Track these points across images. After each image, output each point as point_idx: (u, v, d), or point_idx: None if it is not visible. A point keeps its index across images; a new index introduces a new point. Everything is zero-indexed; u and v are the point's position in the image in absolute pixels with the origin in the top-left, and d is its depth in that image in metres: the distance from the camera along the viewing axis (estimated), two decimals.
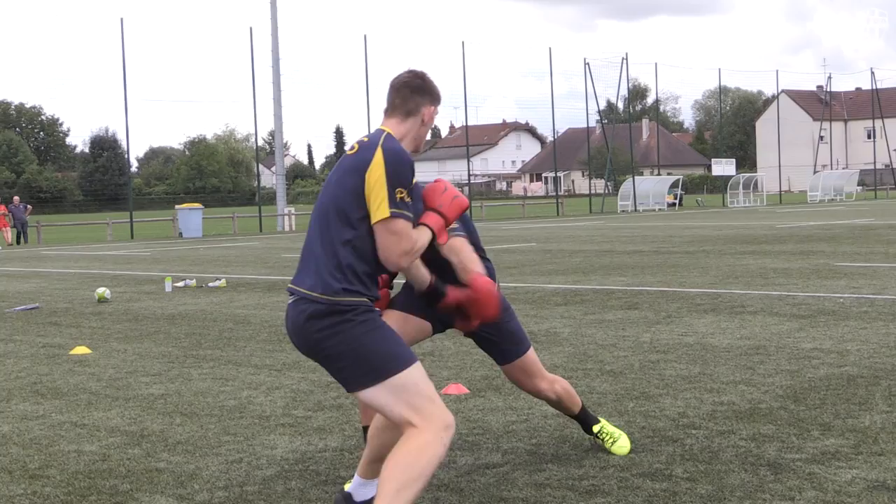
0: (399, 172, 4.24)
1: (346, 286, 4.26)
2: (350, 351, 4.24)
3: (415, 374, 4.26)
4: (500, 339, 5.59)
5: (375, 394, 4.26)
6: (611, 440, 5.86)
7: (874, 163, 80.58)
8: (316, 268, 4.34)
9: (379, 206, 4.23)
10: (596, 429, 5.91)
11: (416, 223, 4.39)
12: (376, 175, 4.23)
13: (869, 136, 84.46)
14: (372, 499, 4.67)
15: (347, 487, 4.97)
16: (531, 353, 5.65)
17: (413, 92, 4.47)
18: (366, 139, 4.39)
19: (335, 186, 4.36)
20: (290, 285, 4.48)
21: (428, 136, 4.92)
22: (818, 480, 5.19)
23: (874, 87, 78.72)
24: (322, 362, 4.36)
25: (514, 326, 5.61)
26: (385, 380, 4.23)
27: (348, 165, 4.34)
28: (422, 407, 4.21)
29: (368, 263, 4.31)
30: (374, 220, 4.25)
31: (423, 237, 4.40)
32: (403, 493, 4.11)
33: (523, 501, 5.06)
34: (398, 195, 4.22)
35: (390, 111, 4.50)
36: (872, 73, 78.35)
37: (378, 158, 4.25)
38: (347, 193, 4.29)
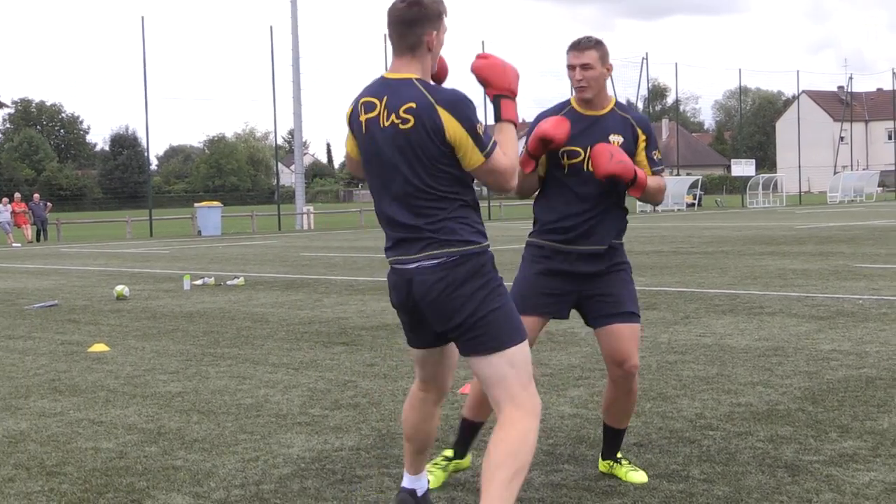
0: (468, 115, 4.18)
1: None
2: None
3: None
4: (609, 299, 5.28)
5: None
6: (628, 468, 5.43)
7: (895, 164, 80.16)
8: None
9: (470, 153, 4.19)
10: (619, 455, 5.53)
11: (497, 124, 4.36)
12: (458, 135, 4.17)
13: (890, 137, 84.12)
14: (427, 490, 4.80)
15: (404, 484, 4.85)
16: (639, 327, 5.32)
17: (410, 25, 4.24)
18: (413, 104, 4.17)
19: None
20: None
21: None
22: (836, 482, 5.17)
23: (895, 88, 78.34)
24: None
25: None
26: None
27: (415, 140, 4.18)
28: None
29: None
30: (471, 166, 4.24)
31: (513, 141, 4.33)
32: (515, 481, 4.13)
33: (539, 502, 5.05)
34: (479, 130, 4.19)
35: (396, 51, 4.32)
36: (894, 73, 78.03)
37: (447, 118, 4.16)
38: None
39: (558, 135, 5.09)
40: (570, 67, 5.23)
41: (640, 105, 72.85)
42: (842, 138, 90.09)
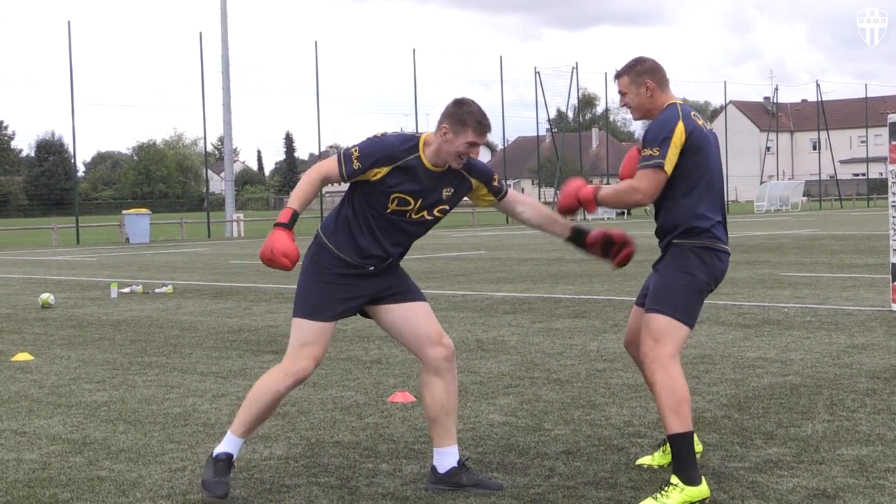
0: (371, 140, 5.30)
1: None
2: None
3: None
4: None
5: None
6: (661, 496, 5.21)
7: (819, 174, 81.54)
8: None
9: None
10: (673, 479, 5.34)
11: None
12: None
13: (814, 148, 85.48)
14: (458, 462, 5.42)
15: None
16: (664, 320, 5.32)
17: (444, 112, 5.31)
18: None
19: None
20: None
21: (460, 162, 5.34)
22: (760, 489, 5.24)
23: (820, 100, 79.71)
24: None
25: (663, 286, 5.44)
26: None
27: None
28: None
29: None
30: None
31: (294, 194, 5.23)
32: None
33: None
34: (352, 148, 5.26)
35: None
36: (818, 85, 79.37)
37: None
38: None
39: (565, 205, 5.74)
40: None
41: (571, 114, 73.33)
42: (768, 148, 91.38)
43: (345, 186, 5.43)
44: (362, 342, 10.61)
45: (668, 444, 5.49)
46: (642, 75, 5.51)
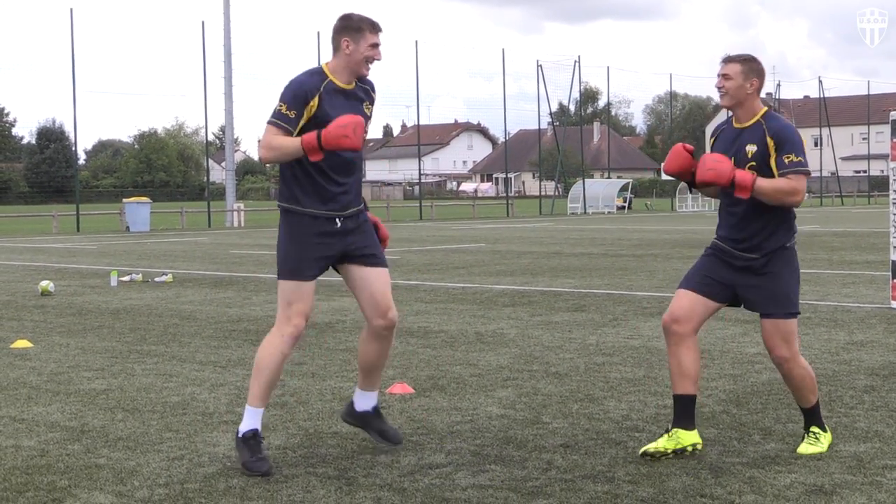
0: (285, 89, 5.59)
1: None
2: None
3: None
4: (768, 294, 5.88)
5: None
6: (814, 440, 5.92)
7: (820, 170, 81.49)
8: None
9: None
10: (813, 429, 5.95)
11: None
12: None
13: (816, 144, 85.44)
14: (373, 408, 6.07)
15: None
16: (793, 322, 5.88)
17: (334, 32, 5.67)
18: None
19: None
20: None
21: (370, 63, 5.70)
22: (758, 484, 5.24)
23: (822, 96, 79.67)
24: None
25: (786, 289, 5.88)
26: None
27: None
28: None
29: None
30: None
31: (284, 144, 5.53)
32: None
33: (466, 502, 5.06)
34: (277, 106, 5.54)
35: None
36: (820, 81, 79.34)
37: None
38: None
39: (670, 168, 5.94)
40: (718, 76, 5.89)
41: (572, 108, 73.32)
42: None
43: None
44: (360, 333, 10.60)
45: (673, 431, 5.78)
46: (754, 72, 5.82)
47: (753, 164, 5.73)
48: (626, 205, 64.03)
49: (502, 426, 6.56)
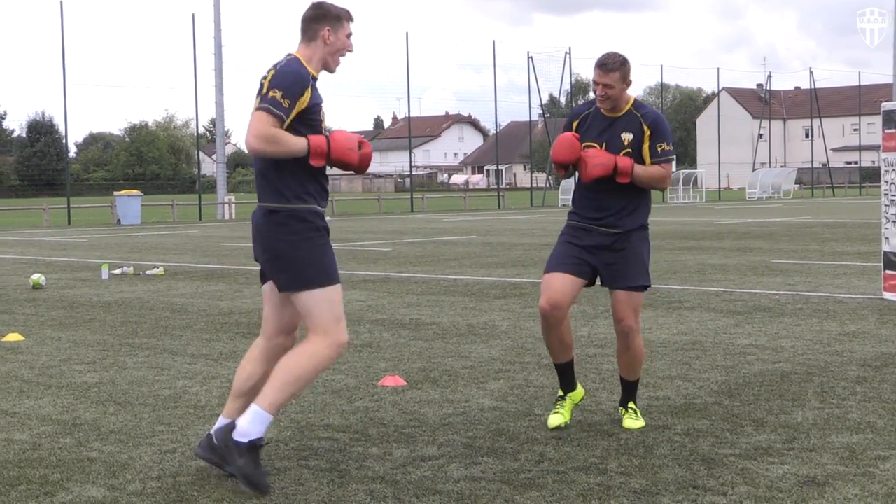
0: (279, 76, 5.15)
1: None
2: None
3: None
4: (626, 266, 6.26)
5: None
6: (635, 415, 6.35)
7: (812, 161, 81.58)
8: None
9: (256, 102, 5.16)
10: (632, 405, 6.40)
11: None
12: (265, 81, 5.19)
13: (807, 135, 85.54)
14: (225, 426, 5.31)
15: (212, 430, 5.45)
16: (642, 295, 6.39)
17: (311, 21, 5.33)
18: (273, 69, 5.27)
19: None
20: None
21: (342, 56, 5.45)
22: (750, 475, 5.24)
23: (813, 87, 79.71)
24: None
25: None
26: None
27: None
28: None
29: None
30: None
31: (289, 141, 5.12)
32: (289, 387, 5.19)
33: (458, 494, 5.05)
34: (271, 94, 5.10)
35: (300, 39, 5.36)
36: (811, 73, 79.31)
37: (270, 71, 5.23)
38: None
39: (565, 158, 6.12)
40: (595, 83, 6.14)
41: (563, 99, 73.29)
42: (760, 135, 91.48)
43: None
44: (353, 325, 10.60)
45: (567, 397, 6.39)
46: (628, 74, 6.18)
47: (629, 150, 6.15)
48: None
49: (494, 418, 6.56)
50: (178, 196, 69.76)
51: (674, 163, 6.07)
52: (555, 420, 6.28)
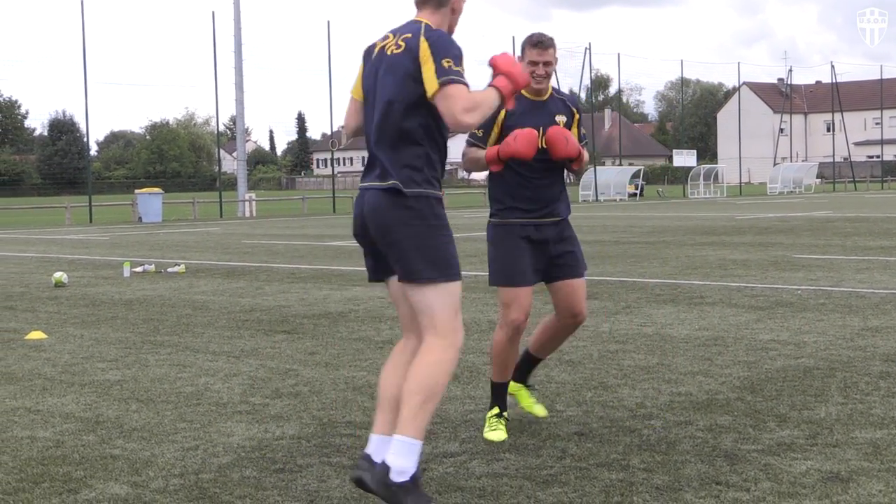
0: (443, 44, 4.58)
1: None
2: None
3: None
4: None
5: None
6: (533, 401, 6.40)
7: (833, 156, 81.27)
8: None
9: (429, 80, 4.54)
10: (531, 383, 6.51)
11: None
12: (424, 55, 4.57)
13: (828, 130, 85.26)
14: (380, 471, 4.58)
15: (368, 450, 4.76)
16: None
17: None
18: (408, 34, 4.68)
19: (385, 82, 4.70)
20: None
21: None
22: (773, 471, 5.22)
23: (834, 81, 79.38)
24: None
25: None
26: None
27: (394, 61, 4.67)
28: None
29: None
30: (429, 94, 4.54)
31: (487, 96, 4.61)
32: (427, 406, 4.58)
33: (480, 491, 5.05)
34: (445, 64, 4.52)
35: (422, 3, 4.82)
36: (833, 67, 79.08)
37: (423, 43, 4.60)
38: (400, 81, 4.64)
39: (533, 152, 5.73)
40: (533, 63, 5.82)
41: (583, 95, 73.17)
42: (781, 130, 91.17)
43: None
44: (374, 322, 10.62)
45: (503, 414, 6.15)
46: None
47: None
48: (638, 192, 63.88)
49: (516, 414, 6.55)
50: (199, 194, 70.00)
51: None
52: (499, 435, 6.00)
